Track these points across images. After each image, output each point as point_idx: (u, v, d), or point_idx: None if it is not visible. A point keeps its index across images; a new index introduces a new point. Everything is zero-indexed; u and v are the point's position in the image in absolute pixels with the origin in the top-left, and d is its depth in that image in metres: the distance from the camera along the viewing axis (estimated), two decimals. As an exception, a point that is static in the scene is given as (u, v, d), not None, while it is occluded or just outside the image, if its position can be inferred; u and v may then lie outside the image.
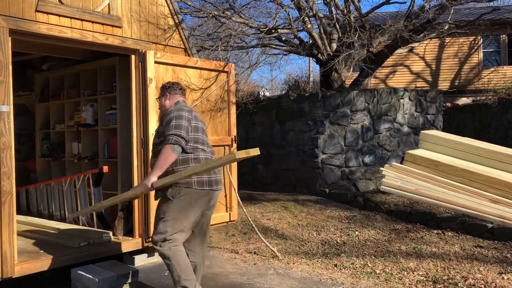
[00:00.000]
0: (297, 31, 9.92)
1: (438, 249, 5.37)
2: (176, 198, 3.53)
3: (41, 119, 6.82)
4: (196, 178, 3.55)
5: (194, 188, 3.54)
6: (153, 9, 5.12)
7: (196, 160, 3.60)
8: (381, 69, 14.58)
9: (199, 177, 3.57)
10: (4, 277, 3.83)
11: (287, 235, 6.18)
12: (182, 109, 3.66)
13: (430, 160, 2.99)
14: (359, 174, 8.80)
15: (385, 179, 2.89)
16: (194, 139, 3.63)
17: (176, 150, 3.48)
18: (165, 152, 3.47)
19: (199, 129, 3.71)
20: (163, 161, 3.48)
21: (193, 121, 3.66)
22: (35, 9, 4.08)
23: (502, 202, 2.71)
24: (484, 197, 2.73)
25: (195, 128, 3.67)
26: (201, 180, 3.58)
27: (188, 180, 3.53)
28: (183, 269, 3.53)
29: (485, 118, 12.25)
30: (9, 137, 3.86)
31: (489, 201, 2.73)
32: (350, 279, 4.51)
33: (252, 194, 8.85)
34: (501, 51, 15.82)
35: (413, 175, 2.94)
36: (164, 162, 3.48)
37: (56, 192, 5.81)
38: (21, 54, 5.77)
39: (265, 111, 9.76)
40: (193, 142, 3.62)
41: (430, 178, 2.88)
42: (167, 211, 3.56)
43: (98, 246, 4.65)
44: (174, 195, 3.53)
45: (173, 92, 3.86)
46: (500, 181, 2.77)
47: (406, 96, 9.33)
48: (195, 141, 3.63)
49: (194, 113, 3.76)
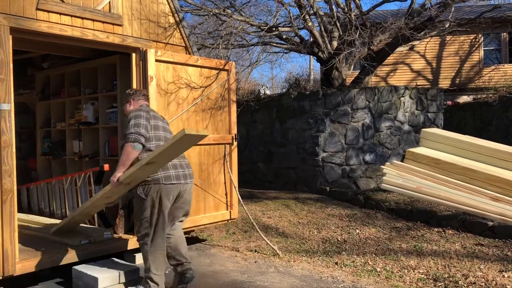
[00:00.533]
0: (297, 29, 9.91)
1: (439, 247, 5.37)
2: (149, 195, 3.80)
3: (42, 117, 6.83)
4: (163, 173, 3.81)
5: (162, 183, 3.79)
6: (154, 7, 5.12)
7: None
8: (382, 67, 14.58)
9: (166, 172, 3.82)
10: (5, 275, 3.84)
11: (287, 233, 6.18)
12: (140, 110, 3.91)
13: (431, 158, 3.00)
14: (359, 172, 8.80)
15: (386, 177, 2.90)
16: (155, 137, 3.87)
17: (136, 147, 3.73)
18: (126, 150, 3.73)
19: (159, 127, 3.96)
20: (125, 158, 3.74)
21: (152, 120, 3.91)
22: (36, 7, 4.08)
23: (503, 200, 2.72)
24: (485, 195, 2.74)
25: (155, 127, 3.92)
26: (168, 175, 3.83)
27: (156, 177, 3.78)
28: (157, 265, 3.87)
29: (486, 116, 12.24)
30: (10, 135, 3.87)
31: (490, 199, 2.73)
32: (350, 277, 4.51)
33: (252, 192, 8.85)
34: (502, 49, 15.79)
35: (414, 173, 2.94)
36: (126, 159, 3.74)
37: (57, 190, 5.82)
38: (22, 53, 5.77)
39: (266, 109, 9.76)
40: (155, 140, 3.86)
41: (431, 176, 2.89)
42: (143, 209, 3.84)
43: (99, 244, 4.65)
44: (146, 193, 3.81)
45: (137, 98, 4.14)
46: (501, 179, 2.78)
47: (407, 94, 9.33)
48: (157, 139, 3.87)
49: (153, 113, 4.02)
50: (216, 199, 5.58)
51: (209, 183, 5.50)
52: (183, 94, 5.23)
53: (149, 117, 3.88)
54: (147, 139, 3.80)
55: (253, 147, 10.03)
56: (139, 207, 3.89)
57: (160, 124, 3.98)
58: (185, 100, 5.25)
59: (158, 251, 3.89)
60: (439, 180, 2.82)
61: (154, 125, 3.91)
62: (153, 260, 3.87)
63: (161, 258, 3.91)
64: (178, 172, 3.90)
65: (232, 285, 4.33)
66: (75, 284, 4.19)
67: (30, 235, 4.98)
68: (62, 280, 4.42)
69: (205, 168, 5.45)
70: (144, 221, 3.85)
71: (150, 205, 3.81)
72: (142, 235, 3.89)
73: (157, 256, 3.89)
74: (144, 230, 3.87)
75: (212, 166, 5.53)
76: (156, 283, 3.88)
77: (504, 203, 2.56)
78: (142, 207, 3.85)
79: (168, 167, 3.85)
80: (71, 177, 5.60)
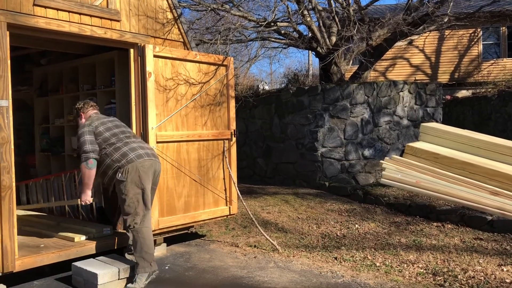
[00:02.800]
0: (296, 24, 9.88)
1: (438, 242, 5.38)
2: (128, 176, 4.09)
3: (40, 114, 6.81)
4: (133, 154, 4.15)
5: (136, 161, 4.13)
6: (152, 3, 5.10)
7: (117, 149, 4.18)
8: (381, 62, 14.55)
9: (135, 152, 4.17)
10: (4, 272, 3.84)
11: (287, 229, 6.19)
12: (83, 126, 4.25)
13: (430, 152, 3.00)
14: (358, 167, 8.81)
15: (385, 172, 2.90)
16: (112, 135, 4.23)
17: (90, 166, 4.09)
18: (82, 172, 4.14)
19: (110, 127, 4.30)
20: (86, 179, 4.15)
21: (100, 127, 4.24)
22: (33, 2, 4.06)
23: (502, 194, 2.72)
24: (484, 189, 2.73)
25: (107, 129, 4.26)
26: (138, 153, 4.18)
27: (128, 158, 4.13)
28: (147, 244, 4.13)
29: (485, 110, 12.24)
30: (8, 131, 3.86)
31: (489, 193, 2.73)
32: (350, 272, 4.52)
33: (251, 187, 8.86)
34: (500, 44, 15.77)
35: (413, 168, 2.94)
36: (87, 179, 4.14)
37: (55, 187, 5.81)
38: (19, 49, 5.75)
39: (265, 104, 9.75)
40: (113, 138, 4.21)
41: (430, 171, 2.88)
42: (125, 191, 4.11)
43: (98, 240, 4.65)
44: (125, 175, 4.10)
45: (86, 111, 4.45)
46: (500, 173, 2.78)
47: (406, 89, 9.32)
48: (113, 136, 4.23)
49: (98, 121, 4.31)
50: (215, 194, 5.58)
51: (208, 179, 5.49)
52: (181, 90, 5.22)
53: (91, 130, 4.20)
54: (102, 148, 4.16)
55: (252, 142, 10.02)
56: (121, 191, 4.14)
57: (109, 125, 4.32)
58: (184, 96, 5.24)
59: (146, 228, 4.17)
60: (438, 174, 2.82)
61: (105, 128, 4.26)
62: (144, 238, 4.12)
63: (149, 235, 4.19)
64: (146, 151, 4.28)
65: (231, 281, 4.33)
66: (75, 280, 4.20)
67: (30, 231, 4.98)
68: (61, 276, 4.42)
69: (204, 164, 5.44)
70: (130, 202, 4.11)
71: (131, 185, 4.10)
72: (131, 216, 4.13)
73: (146, 233, 4.15)
74: (132, 210, 4.12)
75: (211, 161, 5.53)
76: (149, 261, 4.10)
77: (503, 198, 2.56)
78: (124, 190, 4.11)
79: (135, 148, 4.22)
80: (70, 173, 5.59)
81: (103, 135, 4.22)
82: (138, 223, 4.13)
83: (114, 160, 4.15)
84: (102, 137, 4.21)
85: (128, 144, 4.24)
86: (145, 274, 4.06)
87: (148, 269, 4.08)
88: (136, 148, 4.23)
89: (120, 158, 4.14)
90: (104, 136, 4.22)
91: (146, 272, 4.07)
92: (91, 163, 4.09)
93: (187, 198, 5.25)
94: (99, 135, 4.22)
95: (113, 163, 4.15)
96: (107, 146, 4.19)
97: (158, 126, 4.91)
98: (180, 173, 5.16)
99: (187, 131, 5.26)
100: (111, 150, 4.18)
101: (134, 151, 4.19)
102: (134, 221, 4.13)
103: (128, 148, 4.21)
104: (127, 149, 4.19)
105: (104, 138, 4.21)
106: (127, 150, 4.19)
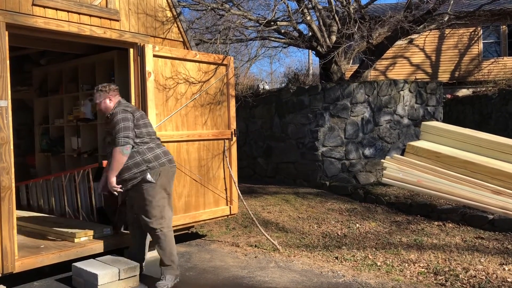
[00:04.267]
0: (296, 23, 9.87)
1: (439, 241, 5.36)
2: (159, 179, 4.04)
3: (40, 114, 6.80)
4: (165, 158, 4.12)
5: (167, 165, 4.12)
6: (151, 2, 5.08)
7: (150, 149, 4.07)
8: (381, 61, 14.52)
9: (167, 157, 4.15)
10: (4, 273, 3.83)
11: (287, 228, 6.18)
12: (126, 111, 4.03)
13: (432, 151, 2.99)
14: (359, 167, 8.79)
15: (386, 171, 2.88)
16: (147, 134, 4.08)
17: (125, 152, 3.90)
18: (115, 156, 3.90)
19: (147, 125, 4.15)
20: (115, 164, 3.92)
21: (141, 120, 4.08)
22: (32, 2, 4.05)
23: (505, 193, 2.70)
24: (486, 188, 2.72)
25: (144, 125, 4.10)
26: (169, 158, 4.18)
27: (160, 161, 4.07)
28: (173, 245, 4.19)
29: (485, 109, 12.22)
30: (8, 132, 3.85)
31: (491, 193, 2.72)
32: (351, 271, 4.51)
33: (252, 187, 8.84)
34: (501, 42, 15.75)
35: (414, 167, 2.93)
36: (117, 164, 3.92)
37: (56, 187, 5.80)
38: (19, 49, 5.74)
39: (265, 104, 9.73)
40: (147, 137, 4.08)
41: (431, 170, 2.87)
42: (152, 193, 4.05)
43: (98, 240, 4.64)
44: (155, 178, 4.02)
45: (114, 94, 4.22)
46: (502, 172, 2.77)
47: (406, 88, 9.30)
48: (148, 136, 4.10)
49: (141, 112, 4.20)
50: (216, 194, 5.57)
51: (209, 179, 5.48)
52: (181, 89, 5.21)
53: (133, 119, 4.01)
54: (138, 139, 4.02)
55: (252, 142, 10.01)
56: (147, 192, 4.04)
57: (147, 121, 4.20)
58: (184, 95, 5.23)
59: (171, 232, 4.19)
60: (440, 173, 2.80)
61: (144, 124, 4.10)
62: (171, 242, 4.16)
63: (173, 238, 4.20)
64: (172, 157, 4.28)
65: (232, 281, 4.32)
66: (75, 281, 4.18)
67: (30, 232, 4.97)
68: (62, 276, 4.41)
69: (204, 164, 5.43)
70: (157, 205, 4.06)
71: (160, 189, 4.06)
72: (157, 220, 4.08)
73: (172, 238, 4.17)
74: (158, 213, 4.08)
75: (211, 161, 5.51)
76: (177, 264, 4.18)
77: (506, 197, 2.54)
78: (151, 192, 4.03)
79: (167, 153, 4.19)
80: (70, 173, 5.58)
81: (140, 129, 4.04)
82: (165, 227, 4.12)
83: (146, 159, 4.00)
84: (139, 132, 4.03)
85: (160, 147, 4.17)
86: (173, 277, 4.13)
87: (176, 271, 4.17)
88: (167, 152, 4.20)
89: (152, 159, 4.02)
90: (141, 131, 4.04)
91: (173, 274, 4.14)
92: (127, 150, 3.89)
93: (188, 198, 5.24)
94: (137, 127, 4.02)
95: (143, 162, 3.99)
96: (140, 143, 4.02)
97: (158, 126, 4.90)
98: (181, 173, 5.14)
99: (187, 131, 5.25)
100: (144, 149, 4.02)
101: (166, 155, 4.15)
102: (161, 225, 4.10)
103: (161, 151, 4.13)
104: (160, 151, 4.11)
105: (140, 133, 4.03)
106: (160, 152, 4.11)
